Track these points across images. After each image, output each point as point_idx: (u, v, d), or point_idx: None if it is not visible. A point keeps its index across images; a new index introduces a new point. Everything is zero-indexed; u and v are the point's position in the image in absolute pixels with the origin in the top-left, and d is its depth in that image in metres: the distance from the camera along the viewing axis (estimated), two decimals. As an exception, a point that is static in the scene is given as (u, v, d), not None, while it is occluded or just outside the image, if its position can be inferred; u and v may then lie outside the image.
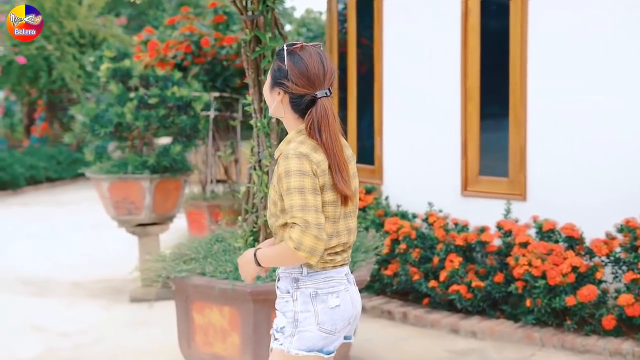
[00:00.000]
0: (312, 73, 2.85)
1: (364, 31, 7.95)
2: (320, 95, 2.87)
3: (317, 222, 2.75)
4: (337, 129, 2.88)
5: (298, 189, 2.77)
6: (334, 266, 2.96)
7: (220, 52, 9.66)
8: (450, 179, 6.91)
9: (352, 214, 2.99)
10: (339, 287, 2.95)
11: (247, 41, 4.81)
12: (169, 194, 7.12)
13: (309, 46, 2.91)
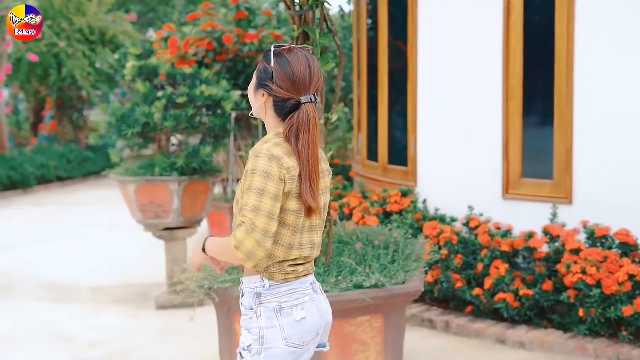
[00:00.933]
0: (297, 77, 2.76)
1: (396, 27, 7.68)
2: (304, 101, 2.77)
3: (265, 228, 2.65)
4: (316, 138, 2.77)
5: (258, 190, 2.67)
6: (297, 277, 2.87)
7: (242, 50, 9.39)
8: (491, 182, 6.63)
9: (318, 228, 2.89)
10: (303, 298, 2.86)
11: (295, 38, 4.54)
12: (197, 197, 6.84)
13: (298, 49, 2.82)
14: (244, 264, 2.71)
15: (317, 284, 2.99)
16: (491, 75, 6.60)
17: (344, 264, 4.67)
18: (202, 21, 9.59)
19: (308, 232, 2.85)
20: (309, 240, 2.86)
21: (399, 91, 7.62)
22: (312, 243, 2.87)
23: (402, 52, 7.54)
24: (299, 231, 2.81)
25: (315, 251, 2.91)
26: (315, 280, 2.98)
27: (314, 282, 2.95)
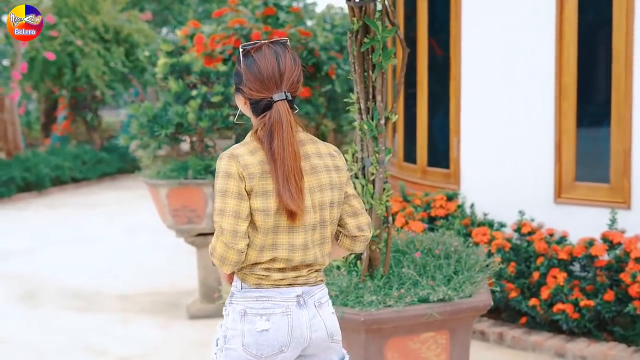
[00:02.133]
0: (265, 76, 2.66)
1: (437, 21, 7.35)
2: (276, 99, 2.65)
3: (232, 229, 2.61)
4: (292, 136, 2.63)
5: (221, 192, 2.64)
6: (275, 285, 2.72)
7: (270, 47, 9.05)
8: (542, 185, 6.29)
9: (299, 230, 2.70)
10: (274, 309, 2.71)
11: (354, 31, 4.20)
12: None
13: (266, 45, 2.70)
14: (221, 269, 2.67)
15: (315, 298, 2.79)
16: (542, 72, 6.25)
17: (405, 275, 4.34)
18: (229, 18, 9.27)
19: (286, 233, 2.69)
20: (287, 242, 2.69)
21: (440, 89, 7.28)
22: (292, 245, 2.69)
23: (443, 47, 7.20)
24: (272, 231, 2.67)
25: (297, 254, 2.71)
26: (312, 292, 2.78)
27: (304, 295, 2.76)
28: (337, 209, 2.81)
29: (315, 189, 2.72)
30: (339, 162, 2.83)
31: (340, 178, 2.81)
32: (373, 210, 4.26)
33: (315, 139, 2.83)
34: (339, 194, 2.80)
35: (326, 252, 2.82)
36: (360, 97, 4.27)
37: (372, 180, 4.29)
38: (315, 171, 2.73)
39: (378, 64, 4.15)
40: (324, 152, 2.78)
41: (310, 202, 2.70)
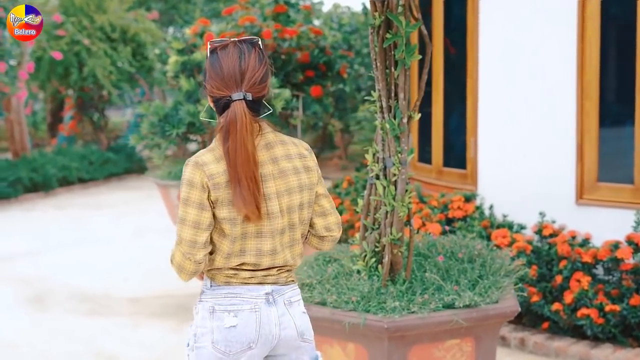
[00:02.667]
0: (226, 74, 2.61)
1: (452, 19, 7.19)
2: (235, 98, 2.58)
3: (191, 239, 2.61)
4: (246, 137, 2.56)
5: (183, 200, 2.62)
6: (244, 282, 2.71)
7: (281, 45, 8.92)
8: (563, 186, 6.12)
9: (267, 235, 2.68)
10: (242, 305, 2.69)
11: (376, 27, 4.05)
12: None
13: (232, 43, 2.65)
14: (180, 278, 2.68)
15: (285, 297, 2.77)
16: (564, 70, 6.08)
17: (428, 280, 4.18)
18: (239, 15, 9.11)
19: (254, 239, 2.67)
20: (255, 247, 2.67)
21: (457, 88, 7.12)
22: (260, 250, 2.68)
23: (459, 45, 7.04)
24: (240, 239, 2.66)
25: (265, 259, 2.69)
26: (282, 291, 2.76)
27: (274, 293, 2.74)
28: (308, 210, 2.78)
29: (283, 193, 2.68)
30: (309, 162, 2.78)
31: (311, 179, 2.77)
32: (395, 212, 4.11)
33: (286, 139, 2.77)
34: (309, 194, 2.77)
35: (297, 254, 2.80)
36: (381, 95, 4.11)
37: (394, 182, 4.13)
38: (284, 175, 2.69)
39: (401, 60, 4.00)
40: (293, 153, 2.73)
41: (277, 207, 2.67)
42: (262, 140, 2.67)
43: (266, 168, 2.66)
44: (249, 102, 2.60)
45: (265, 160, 2.67)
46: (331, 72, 9.55)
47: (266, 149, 2.67)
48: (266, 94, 2.70)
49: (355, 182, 8.35)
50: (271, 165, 2.67)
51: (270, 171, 2.67)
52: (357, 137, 18.46)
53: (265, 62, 2.68)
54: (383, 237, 4.17)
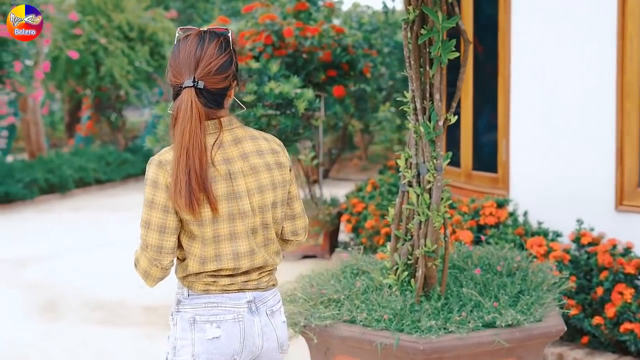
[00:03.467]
0: (181, 60, 2.47)
1: (483, 15, 6.87)
2: (185, 85, 2.44)
3: (157, 244, 2.48)
4: (193, 127, 2.40)
5: (148, 203, 2.48)
6: (224, 290, 2.56)
7: (302, 44, 8.62)
8: (601, 191, 5.78)
9: (241, 235, 2.53)
10: (224, 315, 2.54)
11: (410, 22, 3.74)
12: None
13: (197, 32, 2.52)
14: (146, 283, 2.56)
15: (267, 305, 2.63)
16: (603, 69, 5.74)
17: (465, 295, 3.87)
18: (259, 13, 8.82)
19: (228, 241, 2.52)
20: (231, 251, 2.52)
21: (486, 87, 6.80)
22: (236, 253, 2.53)
23: (489, 42, 6.71)
24: (212, 241, 2.50)
25: (244, 261, 2.55)
26: (264, 299, 2.63)
27: (256, 301, 2.60)
28: (282, 209, 2.66)
29: (254, 191, 2.55)
30: (282, 158, 2.65)
31: (284, 176, 2.64)
32: (429, 222, 3.80)
33: (256, 134, 2.64)
34: (282, 192, 2.63)
35: (273, 252, 2.66)
36: (415, 96, 3.81)
37: (429, 189, 3.83)
38: (255, 171, 2.55)
39: (437, 58, 3.69)
40: (265, 149, 2.60)
41: (249, 206, 2.53)
42: (229, 135, 2.54)
43: (235, 165, 2.52)
44: (202, 91, 2.45)
45: (235, 157, 2.52)
46: (354, 72, 9.24)
47: (235, 144, 2.54)
48: (227, 87, 2.52)
49: (380, 185, 8.05)
50: (241, 161, 2.53)
51: (240, 168, 2.52)
52: (377, 138, 18.18)
53: (229, 54, 2.51)
54: (416, 249, 3.87)
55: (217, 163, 2.48)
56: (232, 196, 2.49)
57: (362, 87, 11.95)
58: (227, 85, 2.53)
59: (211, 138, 2.49)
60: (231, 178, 2.50)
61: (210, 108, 2.48)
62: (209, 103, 2.47)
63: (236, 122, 2.60)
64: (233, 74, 2.54)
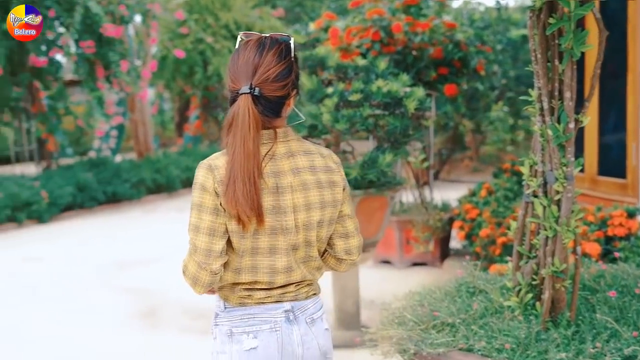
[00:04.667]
0: (240, 66, 2.42)
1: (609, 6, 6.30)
2: (242, 92, 2.38)
3: (207, 247, 2.41)
4: (247, 134, 2.35)
5: (197, 206, 2.42)
6: (260, 303, 2.50)
7: (412, 40, 8.19)
8: None
9: (281, 251, 2.46)
10: (261, 326, 2.49)
11: (537, 10, 3.29)
12: (372, 215, 5.67)
13: (256, 37, 2.45)
14: (194, 290, 2.48)
15: (307, 313, 2.55)
16: None
17: (599, 322, 3.38)
18: (366, 8, 8.43)
19: (267, 255, 2.45)
20: (268, 265, 2.46)
21: (614, 86, 6.23)
22: (272, 268, 2.46)
23: (617, 36, 6.14)
24: (249, 254, 2.45)
25: (280, 277, 2.48)
26: (303, 307, 2.55)
27: (294, 310, 2.53)
28: (328, 228, 2.57)
29: (301, 208, 2.46)
30: (335, 176, 2.55)
31: (335, 195, 2.54)
32: (557, 238, 3.34)
33: (312, 148, 2.54)
34: (332, 212, 2.54)
35: (314, 267, 2.58)
36: (542, 94, 3.35)
37: (557, 201, 3.36)
38: (305, 188, 2.47)
39: (567, 51, 3.22)
40: (318, 166, 2.51)
41: (292, 222, 2.45)
42: (283, 147, 2.46)
43: (285, 179, 2.45)
44: (258, 99, 2.38)
45: (286, 170, 2.45)
46: (467, 69, 8.76)
47: (287, 157, 2.46)
48: (285, 96, 2.42)
49: (495, 190, 7.54)
50: (291, 176, 2.46)
51: (289, 182, 2.45)
52: (489, 138, 17.58)
53: (288, 61, 2.42)
54: (542, 268, 3.42)
55: (266, 175, 2.41)
56: (277, 211, 2.42)
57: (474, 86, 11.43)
58: (286, 94, 2.43)
59: (264, 148, 2.42)
60: (278, 192, 2.43)
61: (266, 116, 2.40)
62: (266, 111, 2.39)
63: (292, 135, 2.50)
64: (292, 82, 2.44)
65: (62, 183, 12.57)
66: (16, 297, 7.70)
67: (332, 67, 5.77)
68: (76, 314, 6.97)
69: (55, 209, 12.28)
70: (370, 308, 6.67)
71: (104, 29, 12.10)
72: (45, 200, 11.96)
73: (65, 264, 9.17)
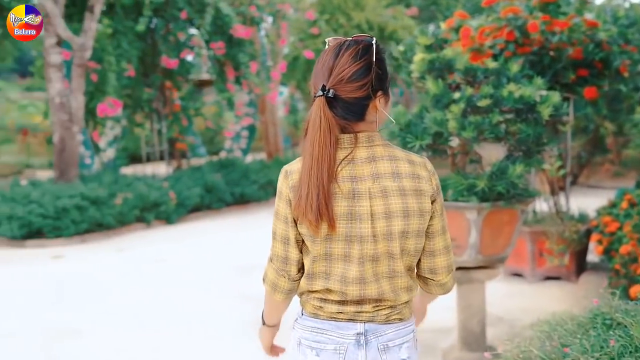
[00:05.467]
0: (319, 69, 2.36)
1: None
2: (317, 95, 2.32)
3: (283, 254, 2.43)
4: (319, 136, 2.28)
5: (275, 213, 2.44)
6: (332, 317, 2.42)
7: (549, 40, 7.71)
8: None
9: (354, 260, 2.36)
10: (326, 344, 2.40)
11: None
12: (501, 229, 5.28)
13: (339, 41, 2.38)
14: (274, 297, 2.50)
15: (382, 339, 2.41)
16: None
17: None
18: (501, 7, 8.00)
19: (341, 263, 2.38)
20: (340, 272, 2.38)
21: None
22: (344, 276, 2.37)
23: None
24: (323, 259, 2.39)
25: (352, 289, 2.38)
26: (380, 332, 2.41)
27: (369, 333, 2.41)
28: (416, 240, 2.42)
29: (380, 215, 2.35)
30: (424, 185, 2.41)
31: (422, 205, 2.40)
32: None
33: (400, 155, 2.43)
34: (418, 222, 2.40)
35: (400, 287, 2.43)
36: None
37: None
38: (385, 194, 2.36)
39: None
40: (404, 172, 2.40)
41: (369, 230, 2.35)
42: (365, 152, 2.37)
43: (363, 184, 2.36)
44: (336, 101, 2.32)
45: (365, 176, 2.36)
46: (608, 71, 8.20)
47: (368, 162, 2.38)
48: (365, 97, 2.33)
49: (638, 202, 7.00)
50: (370, 181, 2.36)
51: (367, 188, 2.35)
52: (632, 142, 16.72)
53: (365, 61, 2.33)
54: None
55: (341, 180, 2.33)
56: (352, 217, 2.34)
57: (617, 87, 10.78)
58: (366, 95, 2.33)
59: (342, 152, 2.35)
60: (354, 197, 2.34)
61: (345, 119, 2.34)
62: (345, 114, 2.33)
63: (379, 140, 2.40)
64: (372, 82, 2.33)
65: (190, 184, 12.65)
66: (143, 297, 7.69)
67: (460, 70, 5.41)
68: (194, 322, 6.88)
69: (182, 210, 12.37)
70: (497, 325, 6.28)
71: (234, 30, 12.08)
72: (173, 201, 12.06)
73: (187, 266, 9.15)
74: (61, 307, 7.40)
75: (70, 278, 8.62)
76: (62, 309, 7.33)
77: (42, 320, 6.93)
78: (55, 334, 6.52)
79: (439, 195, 2.44)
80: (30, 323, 6.85)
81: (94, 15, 10.93)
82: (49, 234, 10.41)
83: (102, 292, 7.99)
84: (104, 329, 6.68)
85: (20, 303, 7.61)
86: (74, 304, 7.52)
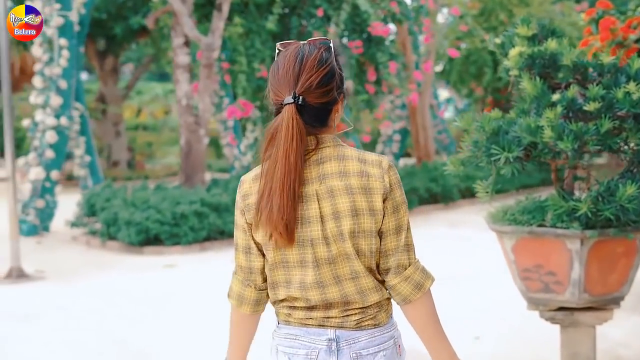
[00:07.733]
0: (280, 75, 2.31)
1: None
2: (285, 102, 2.27)
3: (246, 264, 2.41)
4: (289, 147, 2.23)
5: (235, 224, 2.44)
6: (301, 323, 2.37)
7: None
8: None
9: (309, 264, 2.30)
10: (299, 349, 2.35)
11: None
12: (613, 262, 4.25)
13: (296, 43, 2.36)
14: (240, 313, 2.46)
15: (355, 347, 2.30)
16: None
17: None
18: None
19: (299, 269, 2.32)
20: (299, 279, 2.32)
21: None
22: (302, 282, 2.31)
23: None
24: (282, 267, 2.34)
25: (313, 294, 2.30)
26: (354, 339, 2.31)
27: (341, 339, 2.31)
28: (370, 240, 2.32)
29: (328, 217, 2.28)
30: (373, 182, 2.31)
31: (372, 203, 2.30)
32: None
33: (350, 154, 2.33)
34: (370, 221, 2.30)
35: (366, 287, 2.32)
36: None
37: None
38: (331, 195, 2.29)
39: None
40: (352, 171, 2.31)
41: (319, 233, 2.28)
42: (315, 155, 2.31)
43: (310, 187, 2.29)
44: (303, 108, 2.26)
45: (312, 178, 2.30)
46: None
47: (316, 165, 2.31)
48: (329, 102, 2.30)
49: None
50: (317, 183, 2.30)
51: (314, 191, 2.29)
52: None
53: (329, 65, 2.29)
54: None
55: None
56: (302, 221, 2.28)
57: None
58: (331, 99, 2.32)
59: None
60: (302, 201, 2.29)
61: (312, 126, 2.30)
62: (312, 121, 2.29)
63: (330, 142, 2.34)
64: (336, 86, 2.32)
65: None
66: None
67: (567, 66, 4.39)
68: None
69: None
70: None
71: (371, 28, 11.33)
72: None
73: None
74: (139, 326, 6.89)
75: (174, 289, 8.16)
76: (137, 328, 6.83)
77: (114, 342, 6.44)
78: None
79: (393, 193, 2.32)
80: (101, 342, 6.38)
81: (222, 14, 10.49)
82: (167, 241, 10.01)
83: (200, 305, 7.43)
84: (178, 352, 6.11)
85: (103, 317, 7.17)
86: (153, 321, 7.00)
